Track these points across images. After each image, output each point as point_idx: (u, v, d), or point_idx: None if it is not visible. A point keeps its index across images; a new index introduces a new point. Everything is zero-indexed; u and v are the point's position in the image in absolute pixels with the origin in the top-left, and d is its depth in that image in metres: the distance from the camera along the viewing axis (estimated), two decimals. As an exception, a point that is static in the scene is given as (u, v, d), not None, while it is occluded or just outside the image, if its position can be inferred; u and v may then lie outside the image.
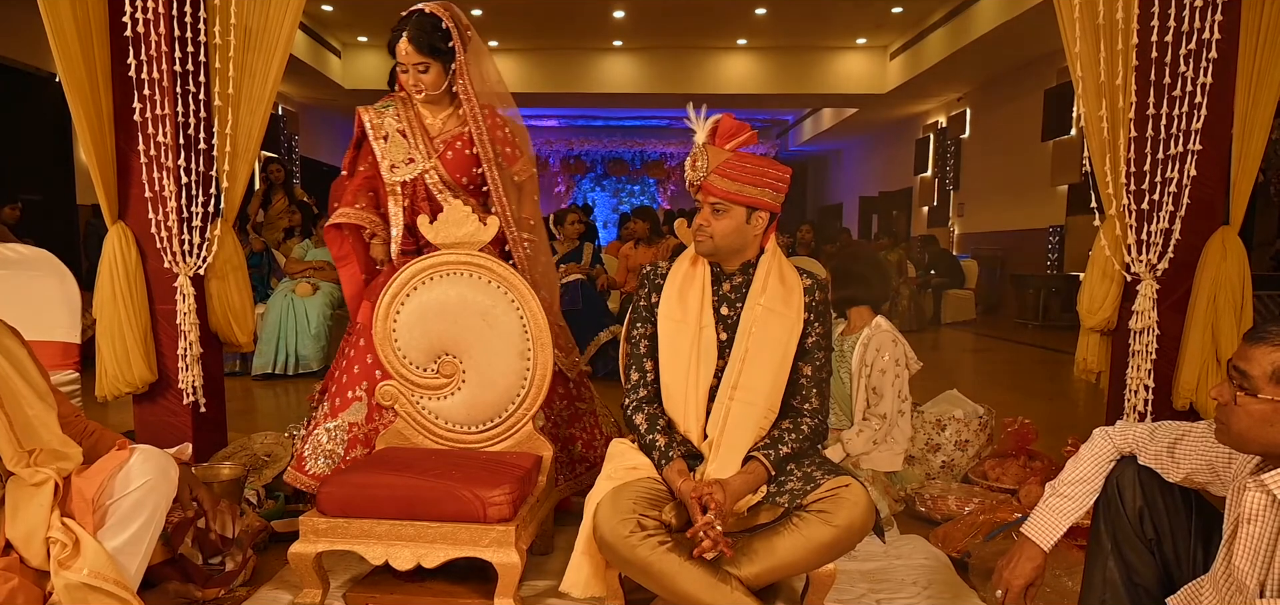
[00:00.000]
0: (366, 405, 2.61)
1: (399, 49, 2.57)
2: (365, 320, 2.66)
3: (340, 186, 2.76)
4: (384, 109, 2.71)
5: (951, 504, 2.84)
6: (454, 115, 2.71)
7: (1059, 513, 1.73)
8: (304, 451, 2.62)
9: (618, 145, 17.90)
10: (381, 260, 2.72)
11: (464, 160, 2.70)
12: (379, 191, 2.72)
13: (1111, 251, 2.66)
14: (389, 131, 2.67)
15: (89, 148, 2.70)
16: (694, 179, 1.96)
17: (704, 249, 2.02)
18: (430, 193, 2.67)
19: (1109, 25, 2.52)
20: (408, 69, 2.58)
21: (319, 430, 2.62)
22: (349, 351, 2.70)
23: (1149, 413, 2.66)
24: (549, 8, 10.25)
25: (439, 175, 2.67)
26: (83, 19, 2.63)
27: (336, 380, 2.68)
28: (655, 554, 1.82)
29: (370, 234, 2.72)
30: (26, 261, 2.73)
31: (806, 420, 2.03)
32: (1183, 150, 2.51)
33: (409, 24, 2.56)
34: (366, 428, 2.60)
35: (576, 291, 5.83)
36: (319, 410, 2.70)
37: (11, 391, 1.74)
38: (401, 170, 2.66)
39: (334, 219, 2.70)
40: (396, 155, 2.66)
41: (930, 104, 13.28)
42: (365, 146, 2.72)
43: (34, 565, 1.74)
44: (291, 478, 2.63)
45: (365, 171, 2.73)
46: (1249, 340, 1.40)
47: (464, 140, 2.69)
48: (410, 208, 2.67)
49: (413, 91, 2.64)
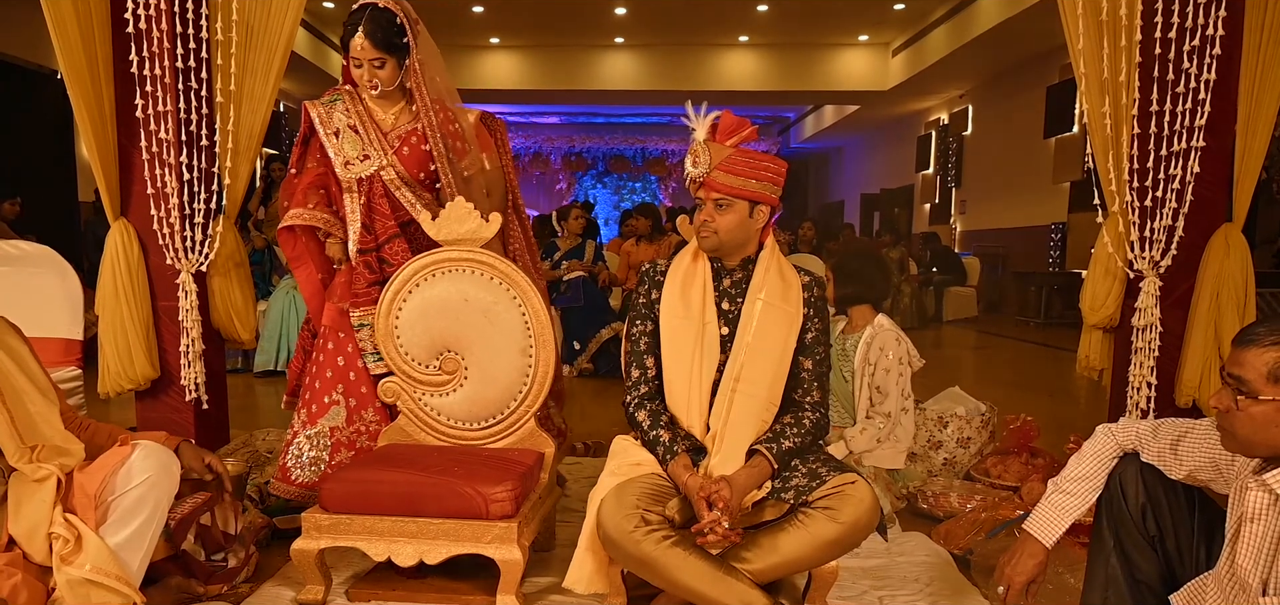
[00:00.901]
0: (345, 408, 2.57)
1: (354, 44, 2.48)
2: (331, 322, 2.59)
3: (290, 186, 2.66)
4: (332, 103, 2.63)
5: (953, 501, 2.84)
6: (406, 110, 2.65)
7: (1061, 510, 1.72)
8: (286, 461, 2.57)
9: (619, 142, 17.88)
10: (339, 260, 2.64)
11: (420, 156, 2.64)
12: (330, 189, 2.64)
13: (1114, 248, 2.65)
14: (340, 127, 2.60)
15: (91, 144, 2.70)
16: (696, 175, 1.96)
17: (708, 244, 2.02)
18: (387, 190, 2.60)
19: (1112, 21, 2.51)
20: (362, 64, 2.50)
21: (299, 439, 2.57)
22: (318, 356, 2.61)
23: (1151, 410, 2.65)
24: (551, 5, 10.24)
25: (396, 172, 2.60)
26: (85, 15, 2.63)
27: (309, 386, 2.61)
28: (659, 549, 1.82)
29: (325, 234, 2.63)
30: (28, 258, 2.73)
31: (808, 414, 2.03)
32: (1186, 147, 2.50)
33: (364, 18, 2.48)
34: (348, 430, 2.56)
35: (578, 288, 5.83)
36: (296, 418, 2.62)
37: (14, 388, 1.75)
38: (357, 167, 2.58)
39: (287, 220, 2.60)
40: (350, 151, 2.58)
41: (932, 101, 13.27)
42: (314, 143, 2.65)
43: (36, 561, 1.74)
44: (278, 489, 2.58)
45: (316, 168, 2.65)
46: (1239, 344, 1.39)
47: (418, 136, 2.63)
48: (367, 205, 2.60)
49: (366, 87, 2.55)
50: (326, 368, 2.58)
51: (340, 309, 2.59)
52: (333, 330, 2.59)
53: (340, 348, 2.58)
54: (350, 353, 2.58)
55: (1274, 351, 1.34)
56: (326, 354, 2.59)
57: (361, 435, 2.57)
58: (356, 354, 2.58)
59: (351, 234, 2.60)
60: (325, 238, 2.63)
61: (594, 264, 6.18)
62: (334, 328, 2.59)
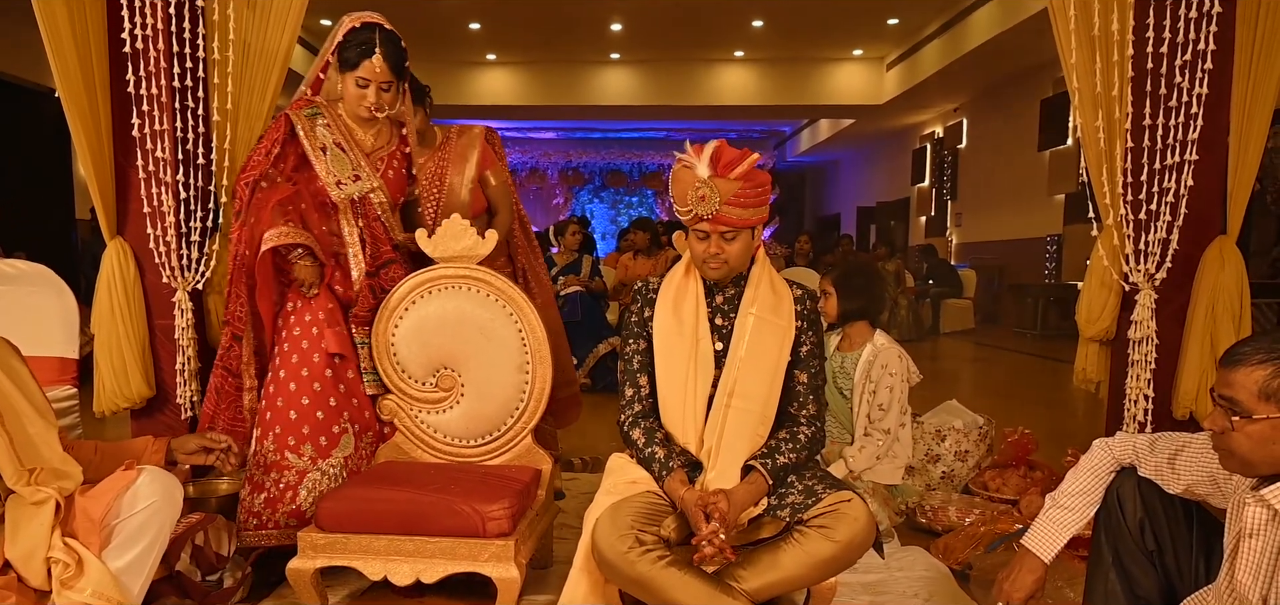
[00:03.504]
0: (352, 436, 2.46)
1: (370, 64, 2.39)
2: (333, 349, 2.43)
3: (263, 200, 2.41)
4: (313, 116, 2.48)
5: (952, 515, 2.83)
6: (383, 132, 2.57)
7: (1059, 525, 1.72)
8: (301, 504, 2.35)
9: (616, 157, 17.93)
10: (310, 283, 2.44)
11: (401, 180, 2.61)
12: (303, 210, 2.48)
13: (1109, 261, 2.66)
14: (326, 143, 2.46)
15: (87, 163, 2.70)
16: (703, 213, 1.91)
17: (718, 274, 2.01)
18: (376, 214, 2.53)
19: (1104, 36, 2.53)
20: (370, 85, 2.41)
21: (312, 475, 2.38)
22: (314, 385, 2.42)
23: (1149, 422, 2.66)
24: (547, 20, 10.28)
25: (384, 195, 2.53)
26: (82, 35, 2.63)
27: (306, 419, 2.39)
28: (655, 569, 1.81)
29: (302, 255, 2.42)
30: (24, 277, 2.73)
31: (804, 429, 2.03)
32: (1179, 160, 2.51)
33: (380, 39, 2.40)
34: (356, 459, 2.47)
35: (575, 303, 5.83)
36: (292, 456, 2.39)
37: (12, 409, 1.74)
38: (350, 186, 2.46)
39: (278, 238, 2.37)
40: (342, 170, 2.46)
41: (927, 114, 13.32)
42: (288, 156, 2.47)
43: (34, 585, 1.73)
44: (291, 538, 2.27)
45: (287, 186, 2.46)
46: (1226, 365, 1.39)
47: (399, 160, 2.60)
48: (366, 228, 2.51)
49: (361, 109, 2.45)
50: (328, 396, 2.44)
51: (339, 335, 2.45)
52: (328, 359, 2.45)
53: (340, 375, 2.47)
54: (351, 379, 2.49)
55: (1262, 369, 1.34)
56: (325, 382, 2.44)
57: (365, 462, 2.50)
58: (358, 380, 2.50)
59: (353, 257, 2.51)
60: (302, 259, 2.43)
61: (591, 279, 6.18)
62: (332, 354, 2.45)
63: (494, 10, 9.89)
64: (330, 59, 2.50)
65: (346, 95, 2.48)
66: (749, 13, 10.03)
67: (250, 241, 2.40)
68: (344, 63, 2.45)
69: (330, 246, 2.51)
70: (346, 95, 2.48)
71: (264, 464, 2.40)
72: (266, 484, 2.38)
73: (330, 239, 2.52)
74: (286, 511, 2.37)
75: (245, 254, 2.41)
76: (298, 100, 2.55)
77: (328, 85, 2.55)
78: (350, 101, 2.48)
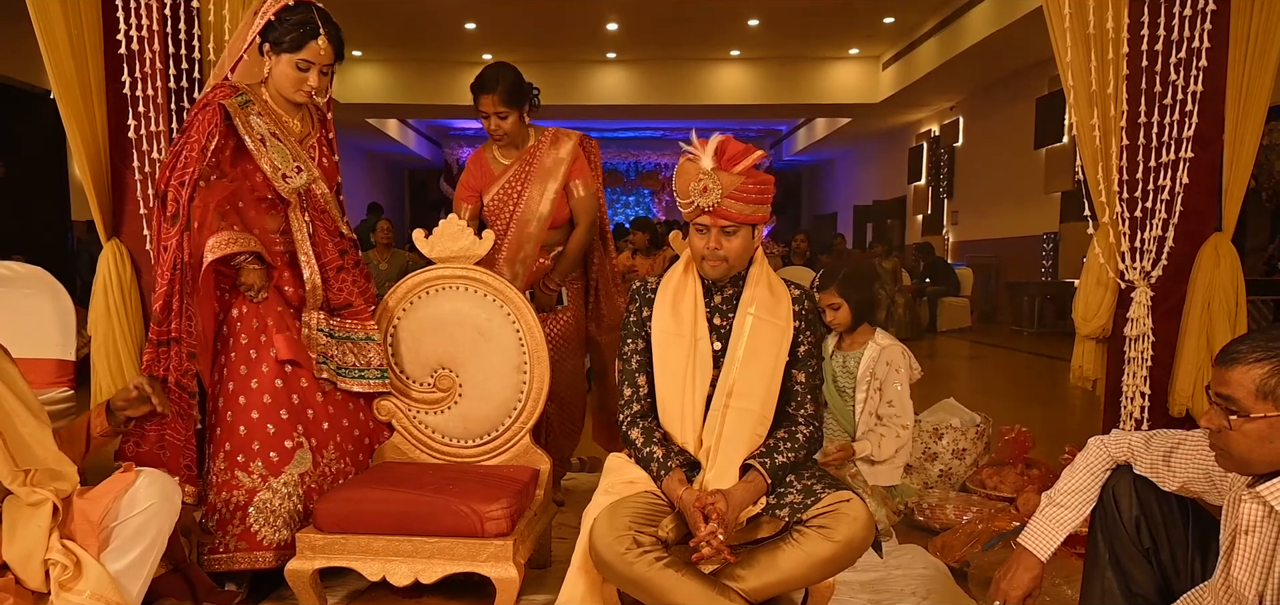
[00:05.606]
0: (309, 450, 2.31)
1: (317, 47, 2.26)
2: (282, 355, 2.30)
3: (205, 202, 2.21)
4: (245, 105, 2.29)
5: (949, 513, 2.84)
6: (307, 117, 2.46)
7: (1056, 523, 1.72)
8: (250, 525, 2.22)
9: (612, 156, 17.94)
10: (258, 288, 2.30)
11: (333, 166, 2.50)
12: (241, 209, 2.32)
13: (1105, 259, 2.67)
14: (263, 134, 2.29)
15: (83, 165, 2.70)
16: (705, 204, 1.91)
17: (718, 272, 2.00)
18: (321, 205, 2.42)
19: (1099, 34, 2.53)
20: (311, 67, 2.27)
21: (261, 495, 2.24)
22: (263, 398, 2.28)
23: (1145, 420, 2.66)
24: (543, 20, 10.29)
25: (325, 184, 2.41)
26: (77, 37, 2.62)
27: (256, 435, 2.26)
28: (652, 570, 1.81)
29: (246, 259, 2.28)
30: (21, 279, 2.73)
31: (802, 429, 2.03)
32: (1174, 158, 2.52)
33: (324, 20, 2.29)
34: (316, 474, 2.32)
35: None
36: (242, 475, 2.25)
37: (4, 409, 1.73)
38: (294, 179, 2.31)
39: (223, 247, 2.20)
40: (284, 163, 2.30)
41: (923, 113, 13.34)
42: (224, 148, 2.28)
43: (31, 588, 1.73)
44: (245, 561, 2.22)
45: (226, 182, 2.29)
46: (1222, 364, 1.38)
47: (326, 145, 2.49)
48: (314, 221, 2.38)
49: (310, 94, 2.33)
50: (279, 408, 2.28)
51: (290, 341, 2.31)
52: (278, 368, 2.30)
53: (291, 384, 2.31)
54: (305, 388, 2.33)
55: (1260, 367, 1.33)
56: (276, 394, 2.28)
57: (328, 477, 2.34)
58: (313, 388, 2.35)
59: (304, 259, 2.35)
60: (247, 263, 2.29)
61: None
62: (279, 365, 2.30)
63: (490, 10, 9.89)
64: (255, 40, 2.31)
65: (279, 79, 2.31)
66: (745, 12, 10.05)
67: (195, 250, 2.19)
68: (278, 44, 2.27)
69: (273, 245, 2.37)
70: (279, 79, 2.31)
71: (215, 483, 2.26)
72: (217, 505, 2.25)
73: (272, 238, 2.37)
74: (236, 534, 2.23)
75: (188, 263, 2.19)
76: (221, 86, 2.34)
77: (248, 68, 2.35)
78: (284, 85, 2.31)
